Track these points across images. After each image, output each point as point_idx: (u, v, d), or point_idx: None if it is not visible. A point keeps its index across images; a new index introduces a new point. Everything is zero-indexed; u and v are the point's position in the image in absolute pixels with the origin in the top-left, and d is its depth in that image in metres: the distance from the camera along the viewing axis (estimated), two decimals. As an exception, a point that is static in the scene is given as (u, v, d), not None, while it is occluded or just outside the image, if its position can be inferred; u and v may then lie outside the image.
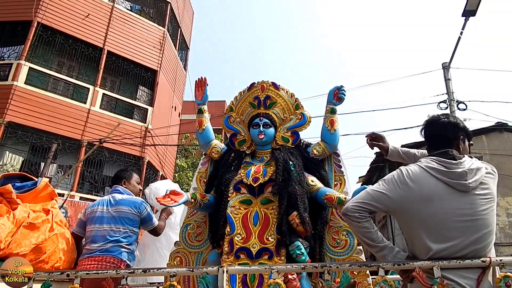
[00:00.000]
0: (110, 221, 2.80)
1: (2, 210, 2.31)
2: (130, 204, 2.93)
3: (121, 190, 3.08)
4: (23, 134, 10.56)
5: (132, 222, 2.88)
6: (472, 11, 8.35)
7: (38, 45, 11.55)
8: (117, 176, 3.22)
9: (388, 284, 1.54)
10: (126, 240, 2.78)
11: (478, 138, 12.29)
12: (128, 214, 2.88)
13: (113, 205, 2.90)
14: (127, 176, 3.21)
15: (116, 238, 2.75)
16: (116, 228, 2.79)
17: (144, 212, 2.96)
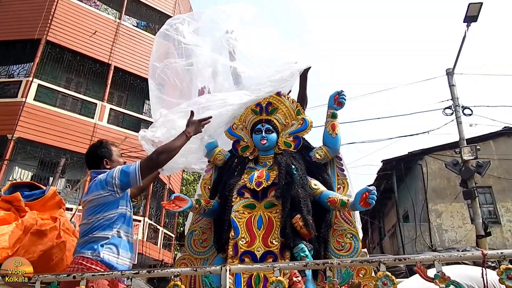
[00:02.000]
0: (84, 216, 2.26)
1: (11, 218, 2.37)
2: (96, 187, 2.25)
3: (94, 174, 2.38)
4: (32, 150, 10.73)
5: (105, 207, 2.22)
6: (474, 16, 8.42)
7: (47, 62, 11.83)
8: (95, 156, 2.45)
9: (390, 279, 1.55)
10: (99, 230, 2.16)
11: (485, 144, 12.17)
12: (97, 200, 2.23)
13: (86, 194, 2.31)
14: (107, 153, 2.46)
15: (87, 233, 2.18)
16: (88, 221, 2.21)
17: (113, 178, 2.22)
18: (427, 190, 12.50)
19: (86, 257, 2.11)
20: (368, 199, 2.43)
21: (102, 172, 2.33)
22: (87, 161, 2.50)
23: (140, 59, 13.73)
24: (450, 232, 12.25)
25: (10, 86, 11.50)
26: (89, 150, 2.52)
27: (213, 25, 3.35)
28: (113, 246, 2.18)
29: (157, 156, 2.31)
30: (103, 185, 2.22)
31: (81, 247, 2.17)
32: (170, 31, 3.30)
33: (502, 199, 12.39)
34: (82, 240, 2.19)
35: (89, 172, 2.46)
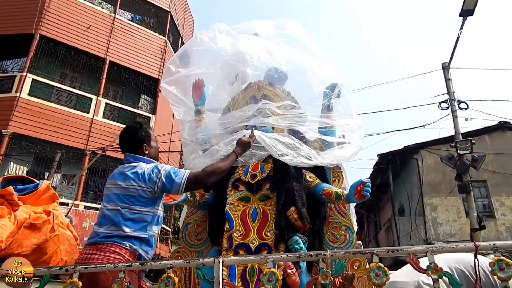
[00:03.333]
0: (113, 199, 2.10)
1: (3, 212, 2.34)
2: (136, 177, 2.11)
3: (131, 159, 2.23)
4: (27, 145, 10.66)
5: (141, 201, 2.09)
6: (470, 10, 8.39)
7: (41, 57, 11.72)
8: (134, 139, 2.27)
9: (383, 271, 1.55)
10: (134, 228, 2.04)
11: (481, 138, 12.22)
12: (135, 191, 2.09)
13: (119, 179, 2.14)
14: (147, 137, 2.30)
15: (117, 222, 2.04)
16: (120, 208, 2.06)
17: (157, 179, 2.10)
18: (423, 184, 12.56)
19: (125, 248, 2.00)
20: (363, 192, 2.44)
21: (141, 159, 2.22)
22: (124, 143, 2.30)
23: (135, 53, 13.66)
24: (445, 225, 12.33)
25: (4, 81, 11.40)
26: (128, 132, 2.33)
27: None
28: (147, 246, 2.10)
29: (206, 176, 2.20)
30: (146, 179, 2.10)
31: (113, 236, 2.01)
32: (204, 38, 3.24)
33: (496, 193, 12.47)
34: (113, 228, 2.02)
35: (124, 155, 2.27)
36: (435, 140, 12.52)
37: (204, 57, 3.22)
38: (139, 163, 2.20)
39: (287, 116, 2.87)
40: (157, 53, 14.34)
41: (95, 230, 2.08)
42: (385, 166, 13.31)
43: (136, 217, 2.05)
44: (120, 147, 2.34)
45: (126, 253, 1.99)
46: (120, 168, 2.22)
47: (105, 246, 1.98)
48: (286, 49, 3.17)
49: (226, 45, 3.15)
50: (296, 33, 3.27)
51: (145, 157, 2.25)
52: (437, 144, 12.37)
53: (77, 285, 1.59)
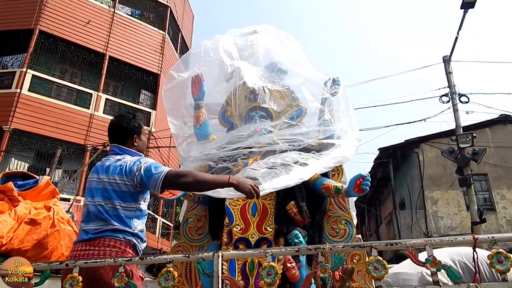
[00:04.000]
0: (97, 193, 2.01)
1: (4, 207, 2.36)
2: (119, 171, 2.02)
3: (117, 150, 2.14)
4: (28, 141, 10.67)
5: (124, 195, 2.00)
6: (471, 3, 8.33)
7: (41, 52, 11.69)
8: (124, 129, 2.18)
9: (381, 264, 1.56)
10: (119, 221, 1.96)
11: (482, 131, 12.20)
12: (116, 184, 2.00)
13: (102, 172, 2.05)
14: (138, 129, 2.21)
15: (104, 217, 1.95)
16: (104, 203, 1.98)
17: (136, 172, 1.98)
18: (423, 178, 12.56)
19: (120, 240, 1.93)
20: (362, 186, 2.44)
21: (127, 151, 2.12)
22: (113, 133, 2.20)
23: (135, 48, 13.61)
24: (445, 219, 12.34)
25: (4, 77, 11.39)
26: (118, 121, 2.23)
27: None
28: (138, 239, 2.02)
29: (187, 177, 1.98)
30: (127, 172, 1.99)
31: (104, 230, 1.93)
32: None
33: (497, 186, 12.47)
34: (101, 223, 1.94)
35: (111, 145, 2.17)
36: (436, 133, 12.50)
37: (203, 60, 3.21)
38: (124, 155, 2.10)
39: (283, 134, 2.81)
40: (157, 48, 14.29)
41: (82, 228, 1.99)
42: (386, 160, 13.30)
43: (119, 213, 1.96)
44: (108, 137, 2.23)
45: (121, 244, 1.93)
46: (103, 160, 2.12)
47: (97, 241, 1.91)
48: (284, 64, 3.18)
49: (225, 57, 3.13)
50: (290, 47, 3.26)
51: (132, 149, 2.15)
52: (438, 137, 12.36)
53: (77, 280, 1.60)
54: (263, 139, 2.78)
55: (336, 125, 2.86)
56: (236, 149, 2.75)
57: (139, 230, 2.02)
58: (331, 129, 2.83)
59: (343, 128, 2.87)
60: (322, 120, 2.86)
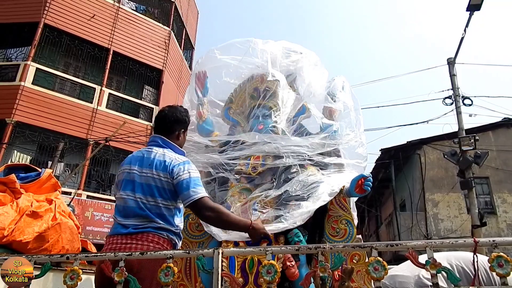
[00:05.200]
0: (141, 189, 1.91)
1: (6, 199, 2.37)
2: (163, 167, 1.92)
3: (161, 142, 2.02)
4: (31, 134, 10.71)
5: (165, 193, 1.91)
6: (477, 5, 8.29)
7: (45, 46, 11.71)
8: (176, 120, 2.08)
9: (381, 265, 1.56)
10: (163, 219, 1.89)
11: (484, 134, 12.16)
12: (159, 181, 1.91)
13: (146, 165, 1.94)
14: (186, 125, 2.13)
15: (146, 214, 1.88)
16: (146, 199, 1.89)
17: (177, 176, 1.89)
18: (425, 180, 12.54)
19: (163, 237, 1.88)
20: (364, 186, 2.44)
21: (171, 145, 2.02)
22: (161, 122, 2.08)
23: (139, 44, 13.62)
24: (446, 221, 12.33)
25: (8, 69, 11.41)
26: (171, 111, 2.11)
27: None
28: (178, 238, 1.99)
29: (214, 215, 1.90)
30: (170, 171, 1.90)
31: (147, 226, 1.86)
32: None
33: (499, 190, 12.44)
34: (143, 220, 1.86)
35: (153, 136, 2.06)
36: (438, 135, 12.47)
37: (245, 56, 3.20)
38: (167, 149, 1.99)
39: (288, 146, 2.76)
40: (161, 44, 14.29)
41: (119, 222, 1.90)
42: (388, 161, 13.29)
43: (162, 211, 1.89)
44: (154, 126, 2.12)
45: (164, 241, 1.87)
46: (145, 151, 1.99)
47: (140, 236, 1.83)
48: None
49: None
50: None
51: (175, 143, 2.05)
52: (440, 140, 12.33)
53: (78, 273, 1.60)
54: (267, 148, 2.74)
55: (343, 138, 2.84)
56: (237, 158, 2.74)
57: (179, 229, 1.99)
58: (337, 143, 2.80)
59: (350, 143, 2.85)
60: (328, 132, 2.83)
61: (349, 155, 2.87)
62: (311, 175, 2.64)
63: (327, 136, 2.79)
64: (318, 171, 2.73)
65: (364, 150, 2.90)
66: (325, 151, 2.78)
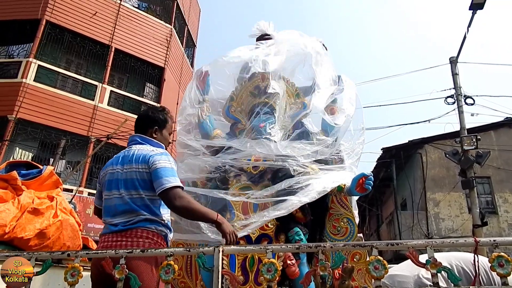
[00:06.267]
0: (124, 185, 1.94)
1: (8, 196, 2.37)
2: (142, 159, 1.96)
3: (139, 140, 2.09)
4: (33, 131, 10.72)
5: (146, 183, 1.93)
6: (480, 4, 8.26)
7: (47, 43, 11.72)
8: (147, 119, 2.15)
9: (382, 264, 1.56)
10: (149, 211, 1.91)
11: (486, 134, 12.13)
12: (140, 173, 1.94)
13: (126, 162, 1.99)
14: (162, 123, 2.16)
15: (133, 208, 1.90)
16: (133, 194, 1.92)
17: (152, 164, 1.92)
18: (426, 179, 12.52)
19: (153, 231, 1.89)
20: (365, 185, 2.44)
21: (149, 141, 2.07)
22: (137, 122, 2.17)
23: (141, 41, 13.61)
24: (447, 221, 12.32)
25: (10, 66, 11.43)
26: (144, 111, 2.26)
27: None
28: (167, 229, 2.00)
29: (185, 205, 1.88)
30: (147, 161, 1.93)
31: (136, 222, 1.87)
32: None
33: (500, 189, 12.41)
34: (131, 215, 1.88)
35: (133, 136, 2.12)
36: (440, 135, 12.45)
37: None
38: (146, 144, 2.05)
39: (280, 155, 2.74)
40: (163, 42, 14.28)
41: (108, 222, 1.93)
42: (389, 160, 13.27)
43: (146, 202, 1.91)
44: (135, 127, 2.18)
45: (154, 235, 1.88)
46: (125, 151, 2.05)
47: (129, 232, 1.85)
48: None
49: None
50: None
51: (153, 139, 2.09)
52: (442, 139, 12.31)
53: (79, 270, 1.61)
54: (264, 151, 2.72)
55: (336, 148, 2.82)
56: (235, 159, 2.72)
57: (167, 220, 2.00)
58: (330, 152, 2.79)
59: (340, 154, 2.86)
60: (323, 142, 2.80)
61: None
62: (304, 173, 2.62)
63: (320, 143, 2.78)
64: (318, 169, 2.72)
65: (355, 162, 2.90)
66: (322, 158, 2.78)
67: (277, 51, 3.08)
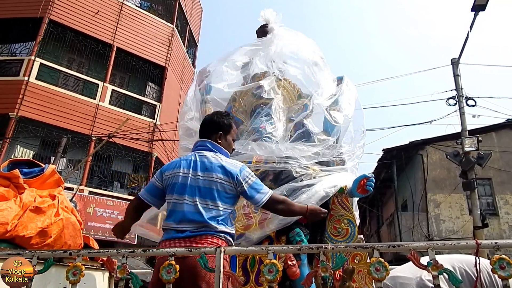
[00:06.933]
0: (198, 193, 1.90)
1: (10, 194, 2.37)
2: (223, 171, 1.94)
3: (210, 146, 2.05)
4: (34, 129, 10.74)
5: (225, 197, 1.92)
6: (482, 5, 8.26)
7: (49, 41, 11.73)
8: (212, 124, 2.13)
9: (383, 266, 1.56)
10: (223, 223, 1.89)
11: (487, 135, 12.12)
12: (221, 185, 1.92)
13: (202, 169, 1.94)
14: (226, 128, 2.13)
15: (205, 219, 1.86)
16: (208, 204, 1.88)
17: (244, 182, 1.94)
18: (427, 180, 12.51)
19: (222, 239, 1.88)
20: (366, 186, 2.44)
21: (220, 149, 2.06)
22: (203, 127, 2.16)
23: (143, 40, 13.62)
24: (447, 222, 12.31)
25: (12, 64, 11.45)
26: (210, 116, 2.22)
27: None
28: (233, 240, 1.98)
29: (285, 207, 2.00)
30: (233, 176, 1.92)
31: (206, 230, 1.85)
32: None
33: (501, 191, 12.40)
34: (200, 224, 1.85)
35: (203, 141, 2.09)
36: (441, 136, 12.45)
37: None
38: (218, 153, 2.03)
39: (281, 156, 2.73)
40: (165, 41, 14.29)
41: (173, 227, 1.88)
42: (390, 161, 13.26)
43: (220, 214, 1.89)
44: (200, 131, 2.18)
45: (223, 243, 1.86)
46: (197, 155, 1.99)
47: (199, 238, 1.83)
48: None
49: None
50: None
51: (222, 147, 2.08)
52: (443, 140, 12.30)
53: (80, 269, 1.61)
54: (265, 153, 2.72)
55: (336, 149, 2.82)
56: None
57: (234, 232, 2.00)
58: (331, 154, 2.79)
59: (341, 156, 2.86)
60: (324, 142, 2.80)
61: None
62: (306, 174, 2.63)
63: (322, 144, 2.78)
64: (320, 171, 2.72)
65: (356, 165, 2.92)
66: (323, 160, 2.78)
67: (279, 51, 3.09)
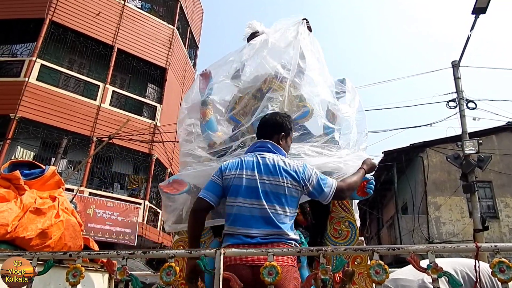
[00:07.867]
0: (266, 197, 1.84)
1: (10, 195, 2.38)
2: (291, 175, 1.88)
3: (271, 147, 1.99)
4: (35, 130, 10.76)
5: (292, 201, 1.88)
6: (482, 8, 8.27)
7: (50, 42, 11.76)
8: (276, 125, 2.08)
9: (382, 268, 1.56)
10: (290, 229, 1.85)
11: (488, 138, 12.13)
12: (288, 189, 1.86)
13: (266, 172, 1.88)
14: (288, 130, 2.11)
15: (274, 224, 1.81)
16: (277, 210, 1.83)
17: (309, 182, 1.90)
18: (427, 183, 12.51)
19: (291, 246, 1.84)
20: (366, 189, 2.44)
21: (280, 150, 2.00)
22: (263, 127, 2.11)
23: (144, 42, 13.65)
24: (448, 225, 12.30)
25: (13, 65, 11.47)
26: (272, 115, 2.17)
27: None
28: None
29: (347, 190, 2.02)
30: (299, 178, 1.88)
31: (278, 237, 1.81)
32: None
33: (501, 194, 12.40)
34: (270, 231, 1.80)
35: (263, 141, 2.03)
36: (441, 139, 12.45)
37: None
38: (278, 155, 1.97)
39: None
40: (165, 42, 14.32)
41: (242, 232, 1.82)
42: (390, 163, 13.26)
43: (288, 220, 1.85)
44: (258, 132, 2.14)
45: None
46: (256, 157, 1.94)
47: (271, 246, 1.77)
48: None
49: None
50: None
51: (282, 149, 2.02)
52: (443, 143, 12.31)
53: (80, 271, 1.61)
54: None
55: (336, 152, 2.81)
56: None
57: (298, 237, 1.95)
58: (332, 154, 2.78)
59: (341, 157, 2.85)
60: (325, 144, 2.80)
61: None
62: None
63: (323, 146, 2.77)
64: None
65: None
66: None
67: (274, 45, 3.08)
